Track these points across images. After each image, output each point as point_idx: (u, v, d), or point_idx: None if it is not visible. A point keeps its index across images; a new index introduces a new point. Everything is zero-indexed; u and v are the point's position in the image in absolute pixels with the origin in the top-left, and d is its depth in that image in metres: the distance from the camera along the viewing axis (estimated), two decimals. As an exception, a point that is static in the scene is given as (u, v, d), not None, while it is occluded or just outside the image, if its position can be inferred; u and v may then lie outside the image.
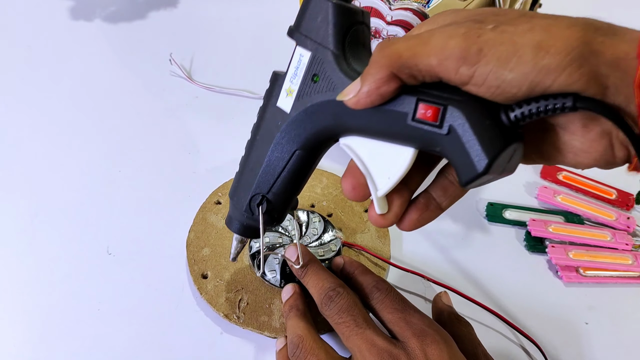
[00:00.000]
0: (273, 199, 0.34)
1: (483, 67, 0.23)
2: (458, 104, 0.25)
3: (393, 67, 0.25)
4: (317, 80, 0.30)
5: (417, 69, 0.25)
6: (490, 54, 0.23)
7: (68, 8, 0.70)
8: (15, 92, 0.58)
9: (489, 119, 0.25)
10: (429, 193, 0.30)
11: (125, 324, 0.40)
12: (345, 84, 0.28)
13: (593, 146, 0.25)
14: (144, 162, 0.52)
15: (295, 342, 0.34)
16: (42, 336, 0.39)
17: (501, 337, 0.40)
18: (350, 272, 0.38)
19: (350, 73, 0.28)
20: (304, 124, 0.31)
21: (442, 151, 0.26)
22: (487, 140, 0.24)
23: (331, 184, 0.49)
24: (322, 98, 0.29)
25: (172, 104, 0.58)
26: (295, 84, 0.31)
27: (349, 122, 0.29)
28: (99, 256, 0.44)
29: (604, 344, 0.41)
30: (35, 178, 0.50)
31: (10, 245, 0.44)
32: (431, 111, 0.25)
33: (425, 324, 0.33)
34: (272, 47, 0.65)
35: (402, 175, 0.28)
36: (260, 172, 0.33)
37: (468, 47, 0.23)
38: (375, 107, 0.27)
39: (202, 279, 0.41)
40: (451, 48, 0.24)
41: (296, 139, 0.31)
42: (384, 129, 0.27)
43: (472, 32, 0.24)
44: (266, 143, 0.33)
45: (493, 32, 0.23)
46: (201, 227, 0.45)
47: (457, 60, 0.24)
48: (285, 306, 0.38)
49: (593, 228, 0.48)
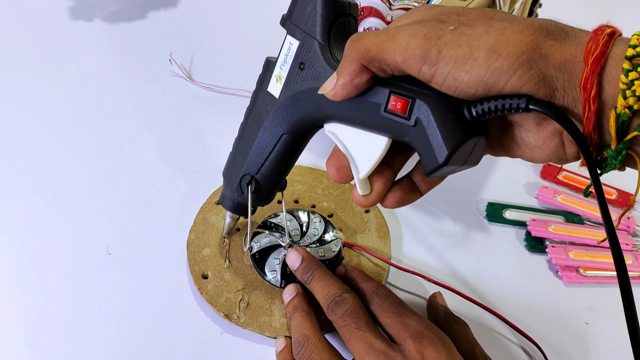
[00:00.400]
0: (261, 179, 0.36)
1: (442, 67, 0.25)
2: (425, 98, 0.27)
3: (363, 60, 0.27)
4: (304, 68, 0.31)
5: (385, 63, 0.26)
6: (448, 56, 0.24)
7: (68, 8, 0.70)
8: (15, 92, 0.58)
9: (452, 114, 0.26)
10: (410, 177, 0.32)
11: (125, 324, 0.40)
12: (328, 73, 0.30)
13: (546, 143, 0.27)
14: (144, 162, 0.52)
15: (301, 341, 0.34)
16: (42, 336, 0.39)
17: (501, 337, 0.40)
18: (352, 280, 0.39)
19: (333, 63, 0.30)
20: (290, 109, 0.33)
21: (410, 141, 0.28)
22: (449, 133, 0.26)
23: (332, 184, 0.49)
24: (307, 86, 0.31)
25: (172, 104, 0.58)
26: (284, 71, 0.33)
27: (330, 111, 0.30)
28: (99, 256, 0.44)
29: (604, 344, 0.41)
30: (35, 178, 0.50)
31: (11, 245, 0.44)
32: (401, 103, 0.27)
33: (423, 326, 0.33)
34: (272, 47, 0.65)
35: (379, 159, 0.30)
36: (250, 153, 0.36)
37: (429, 48, 0.25)
38: (353, 98, 0.29)
39: (203, 279, 0.41)
40: (413, 48, 0.25)
41: (283, 123, 0.34)
42: (361, 118, 0.29)
43: (433, 33, 0.25)
44: (256, 126, 0.35)
45: (452, 34, 0.25)
46: (202, 228, 0.45)
47: (419, 60, 0.25)
48: (289, 306, 0.38)
49: (593, 228, 0.48)
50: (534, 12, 0.61)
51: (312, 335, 0.35)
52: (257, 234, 0.43)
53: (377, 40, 0.26)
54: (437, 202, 0.50)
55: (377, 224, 0.46)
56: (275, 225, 0.44)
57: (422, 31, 0.25)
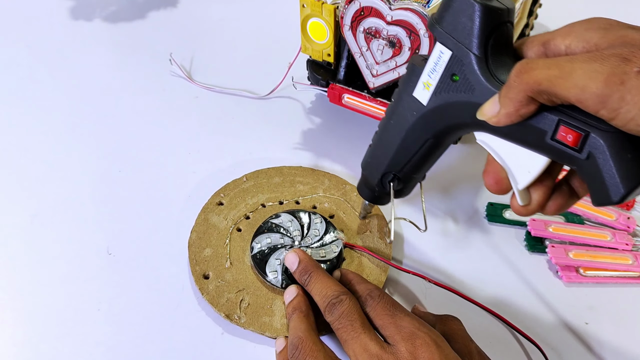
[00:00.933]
0: (403, 177, 0.38)
1: (625, 113, 0.23)
2: (600, 134, 0.25)
3: (532, 93, 0.26)
4: (457, 80, 0.30)
5: (555, 97, 0.25)
6: (632, 103, 0.23)
7: (68, 8, 0.70)
8: (15, 92, 0.58)
9: (631, 152, 0.25)
10: (568, 182, 0.31)
11: (126, 324, 0.40)
12: (485, 89, 0.28)
13: None
14: (144, 162, 0.52)
15: (295, 343, 0.34)
16: (42, 336, 0.39)
17: (501, 337, 0.40)
18: (347, 283, 0.39)
19: (491, 79, 0.28)
20: (439, 117, 0.32)
21: (577, 171, 0.27)
22: (627, 172, 0.25)
23: (333, 185, 0.49)
24: (460, 98, 0.30)
25: (172, 104, 0.58)
26: (433, 79, 0.31)
27: (486, 126, 0.29)
28: (99, 256, 0.44)
29: (604, 344, 0.41)
30: (35, 178, 0.50)
31: (10, 245, 0.44)
32: (572, 136, 0.26)
33: (415, 327, 0.33)
34: (272, 47, 0.65)
35: (540, 172, 0.29)
36: (393, 154, 0.36)
37: (610, 94, 0.23)
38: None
39: (204, 279, 0.41)
40: (591, 92, 0.23)
41: (430, 129, 0.33)
42: (522, 140, 0.28)
43: (616, 76, 0.23)
44: (400, 128, 0.35)
45: (637, 79, 0.22)
46: (203, 228, 0.45)
47: (597, 103, 0.23)
48: (288, 307, 0.38)
49: (593, 228, 0.48)
50: (534, 12, 0.61)
51: (306, 337, 0.35)
52: (259, 234, 0.43)
53: (548, 74, 0.25)
54: (437, 202, 0.50)
55: (377, 225, 0.46)
56: (276, 225, 0.44)
57: (602, 71, 0.23)
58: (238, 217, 0.46)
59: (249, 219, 0.46)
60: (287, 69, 0.55)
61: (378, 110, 0.49)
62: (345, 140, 0.54)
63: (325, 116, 0.56)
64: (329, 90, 0.50)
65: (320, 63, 0.51)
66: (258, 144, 0.54)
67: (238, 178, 0.49)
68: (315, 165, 0.51)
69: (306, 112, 0.57)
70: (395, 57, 0.44)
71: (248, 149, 0.53)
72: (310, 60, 0.52)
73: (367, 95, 0.49)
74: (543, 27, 0.66)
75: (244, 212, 0.46)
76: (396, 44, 0.44)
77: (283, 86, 0.57)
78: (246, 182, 0.48)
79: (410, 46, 0.43)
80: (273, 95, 0.58)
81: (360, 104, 0.49)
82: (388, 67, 0.46)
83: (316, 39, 0.49)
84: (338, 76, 0.50)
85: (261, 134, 0.55)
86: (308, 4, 0.46)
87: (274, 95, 0.58)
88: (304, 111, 0.57)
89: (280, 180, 0.49)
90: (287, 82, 0.55)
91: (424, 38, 0.42)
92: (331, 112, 0.57)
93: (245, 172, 0.49)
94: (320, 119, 0.56)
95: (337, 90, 0.50)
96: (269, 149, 0.53)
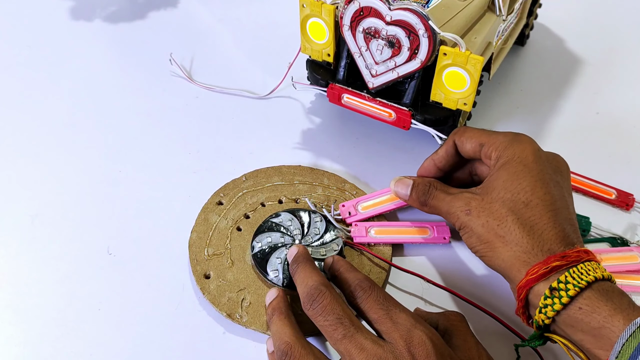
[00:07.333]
0: None
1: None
2: None
3: None
4: None
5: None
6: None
7: (68, 8, 0.70)
8: (15, 92, 0.58)
9: None
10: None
11: (126, 324, 0.40)
12: None
13: None
14: (144, 162, 0.52)
15: (284, 349, 0.33)
16: (43, 336, 0.39)
17: (501, 338, 0.41)
18: (336, 271, 0.38)
19: None
20: None
21: None
22: None
23: (332, 184, 0.49)
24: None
25: (172, 104, 0.58)
26: None
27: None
28: (100, 256, 0.44)
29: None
30: (35, 178, 0.50)
31: (11, 245, 0.44)
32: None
33: (412, 324, 0.33)
34: (272, 47, 0.65)
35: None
36: None
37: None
38: None
39: (205, 279, 0.41)
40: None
41: None
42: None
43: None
44: None
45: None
46: (203, 228, 0.45)
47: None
48: (268, 308, 0.37)
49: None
50: (534, 12, 0.61)
51: (294, 342, 0.33)
52: (259, 233, 0.43)
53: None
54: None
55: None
56: (277, 224, 0.44)
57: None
58: (238, 217, 0.46)
59: (248, 218, 0.46)
60: (287, 69, 0.55)
61: (377, 110, 0.49)
62: (344, 140, 0.54)
63: (324, 116, 0.57)
64: (328, 90, 0.50)
65: (319, 63, 0.51)
66: (258, 144, 0.54)
67: (237, 177, 0.49)
68: (315, 164, 0.52)
69: (306, 112, 0.57)
70: (395, 57, 0.45)
71: (248, 148, 0.53)
72: (310, 60, 0.52)
73: (366, 95, 0.49)
74: (543, 27, 0.66)
75: (244, 212, 0.46)
76: (395, 44, 0.44)
77: (283, 86, 0.57)
78: (245, 182, 0.48)
79: (409, 46, 0.43)
80: (273, 95, 0.58)
81: (360, 104, 0.49)
82: (387, 67, 0.46)
83: (316, 39, 0.49)
84: (337, 76, 0.50)
85: (261, 134, 0.55)
86: (308, 4, 0.46)
87: (274, 95, 0.58)
88: (303, 111, 0.57)
89: (279, 180, 0.49)
90: (287, 82, 0.55)
91: (423, 38, 0.42)
92: (331, 112, 0.57)
93: (245, 171, 0.49)
94: (319, 119, 0.56)
95: (337, 90, 0.50)
96: (269, 148, 0.53)
